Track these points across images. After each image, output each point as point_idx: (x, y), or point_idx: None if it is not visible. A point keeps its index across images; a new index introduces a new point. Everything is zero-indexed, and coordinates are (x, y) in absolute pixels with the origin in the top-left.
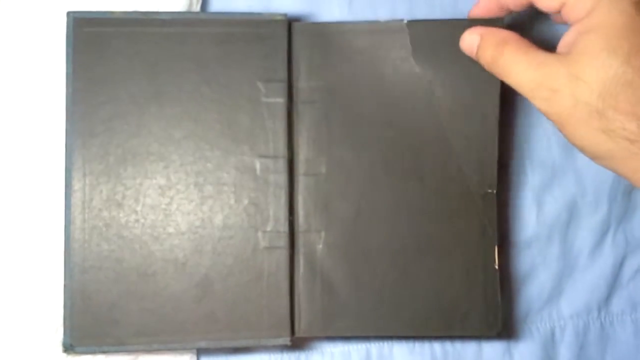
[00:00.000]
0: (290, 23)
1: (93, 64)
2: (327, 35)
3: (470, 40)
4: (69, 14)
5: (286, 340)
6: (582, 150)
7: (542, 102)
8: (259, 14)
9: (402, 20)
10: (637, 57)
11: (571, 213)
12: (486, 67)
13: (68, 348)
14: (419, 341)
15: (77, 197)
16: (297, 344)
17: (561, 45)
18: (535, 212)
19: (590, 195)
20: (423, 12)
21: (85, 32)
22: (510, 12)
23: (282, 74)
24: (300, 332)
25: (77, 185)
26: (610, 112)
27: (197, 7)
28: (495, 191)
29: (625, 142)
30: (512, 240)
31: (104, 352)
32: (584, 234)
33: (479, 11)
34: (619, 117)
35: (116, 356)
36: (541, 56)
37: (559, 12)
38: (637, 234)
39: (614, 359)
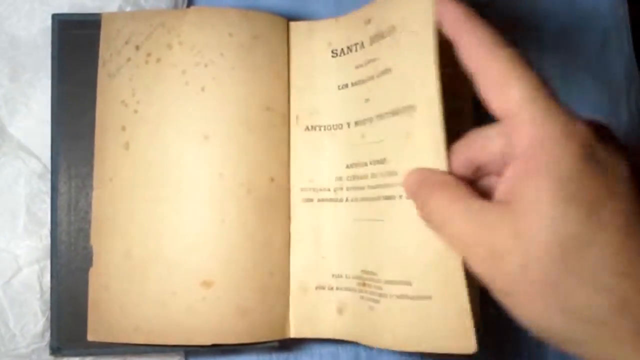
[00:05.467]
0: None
1: (78, 67)
2: None
3: (410, 181)
4: (54, 16)
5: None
6: (535, 330)
7: (479, 265)
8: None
9: None
10: (603, 209)
11: None
12: (420, 216)
13: (55, 351)
14: None
15: (63, 200)
16: (286, 345)
17: (500, 190)
18: None
19: None
20: None
21: (70, 34)
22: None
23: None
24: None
25: (63, 187)
26: (570, 282)
27: (183, 6)
28: None
29: (589, 325)
30: None
31: (91, 354)
32: None
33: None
34: (583, 289)
35: (104, 358)
36: (478, 205)
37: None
38: None
39: None
